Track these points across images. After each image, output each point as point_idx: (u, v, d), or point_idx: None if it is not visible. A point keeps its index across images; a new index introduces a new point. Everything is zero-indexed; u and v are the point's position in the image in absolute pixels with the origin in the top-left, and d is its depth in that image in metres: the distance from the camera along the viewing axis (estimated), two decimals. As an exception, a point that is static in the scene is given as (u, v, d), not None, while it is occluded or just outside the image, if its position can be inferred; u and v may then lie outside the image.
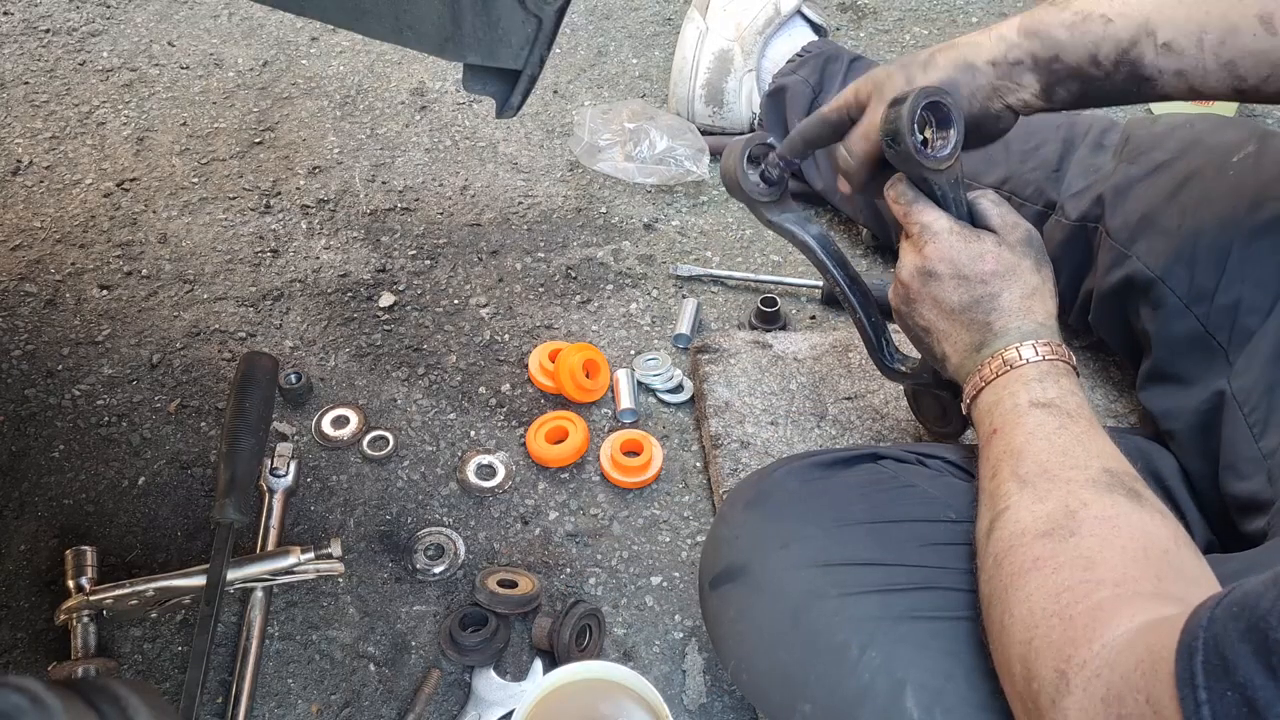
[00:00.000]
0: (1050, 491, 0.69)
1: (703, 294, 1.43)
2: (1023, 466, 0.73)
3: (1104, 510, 0.67)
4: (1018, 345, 0.81)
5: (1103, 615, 0.58)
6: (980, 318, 0.83)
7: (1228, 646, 0.47)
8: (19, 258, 1.46)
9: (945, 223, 0.85)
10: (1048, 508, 0.68)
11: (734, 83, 1.58)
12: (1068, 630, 0.59)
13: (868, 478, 0.85)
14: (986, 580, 0.70)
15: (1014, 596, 0.65)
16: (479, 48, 0.98)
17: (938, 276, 0.85)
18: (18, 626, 1.08)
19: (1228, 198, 0.97)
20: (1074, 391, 0.78)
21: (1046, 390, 0.77)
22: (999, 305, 0.83)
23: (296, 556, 1.06)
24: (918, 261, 0.86)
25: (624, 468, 1.19)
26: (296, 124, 1.69)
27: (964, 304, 0.84)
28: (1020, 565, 0.66)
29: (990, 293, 0.83)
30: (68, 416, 1.27)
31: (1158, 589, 0.60)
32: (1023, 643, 0.62)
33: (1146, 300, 1.04)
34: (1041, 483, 0.70)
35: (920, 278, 0.86)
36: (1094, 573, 0.62)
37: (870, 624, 0.76)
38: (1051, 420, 0.75)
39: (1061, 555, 0.64)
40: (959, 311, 0.84)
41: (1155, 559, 0.63)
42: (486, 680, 1.03)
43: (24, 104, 1.71)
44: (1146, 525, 0.66)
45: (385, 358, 1.34)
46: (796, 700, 0.78)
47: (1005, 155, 1.23)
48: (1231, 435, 0.89)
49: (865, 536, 0.80)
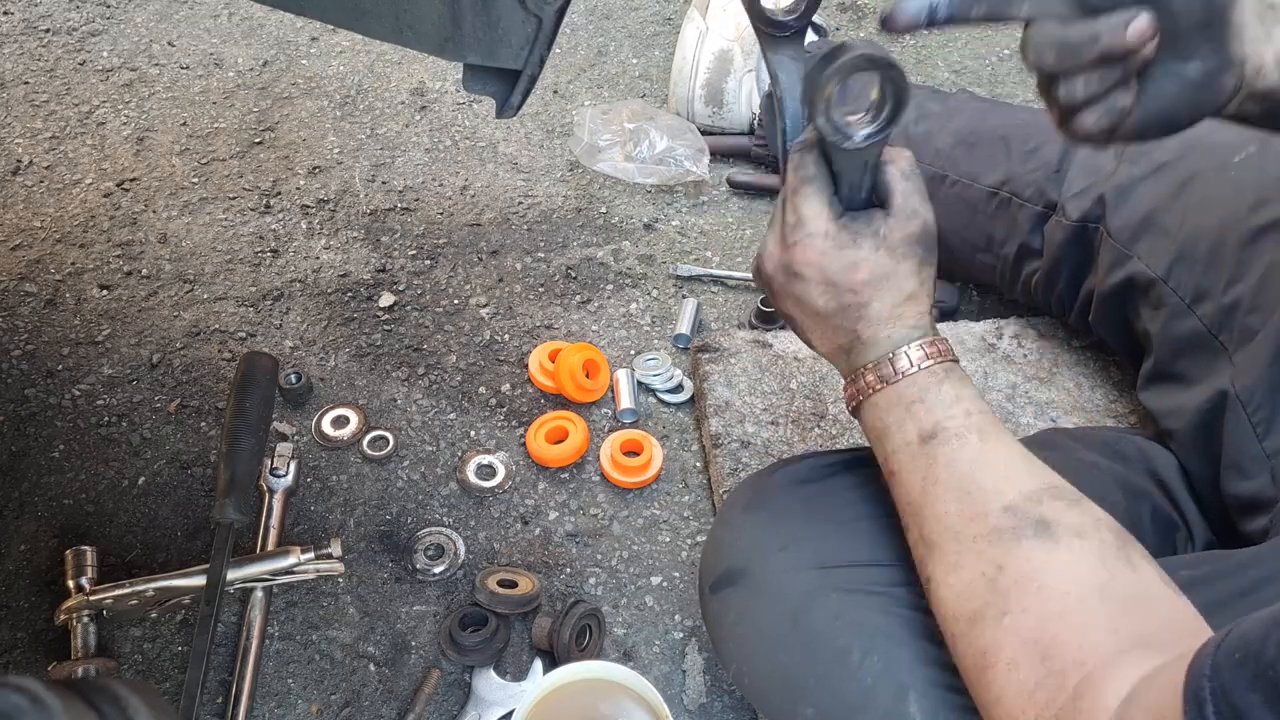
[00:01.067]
0: (961, 556, 0.67)
1: (703, 294, 1.43)
2: (926, 526, 0.71)
3: (1020, 569, 0.65)
4: (890, 356, 0.75)
5: (1086, 706, 0.58)
6: (847, 325, 0.77)
7: (1238, 696, 0.46)
8: (19, 258, 1.46)
9: (823, 225, 0.76)
10: (965, 579, 0.67)
11: (734, 83, 1.58)
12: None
13: (866, 479, 0.85)
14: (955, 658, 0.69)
15: (985, 695, 0.64)
16: (479, 48, 0.98)
17: (804, 279, 0.77)
18: (18, 626, 1.08)
19: (1229, 198, 0.97)
20: (956, 399, 0.73)
21: (931, 411, 0.73)
22: (867, 315, 0.76)
23: (296, 556, 1.06)
24: (784, 259, 0.78)
25: (624, 468, 1.19)
26: (296, 124, 1.69)
27: (830, 310, 0.77)
28: (974, 660, 0.65)
29: (859, 302, 0.76)
30: (68, 416, 1.27)
31: (1118, 642, 0.59)
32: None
33: (1148, 300, 1.04)
34: (950, 545, 0.68)
35: (784, 275, 0.79)
36: (1052, 661, 0.61)
37: (871, 627, 0.75)
38: (942, 454, 0.71)
39: (1007, 646, 0.63)
40: (825, 316, 0.78)
41: (1094, 606, 0.62)
42: (486, 680, 1.03)
43: (24, 104, 1.71)
44: (1069, 568, 0.64)
45: (385, 358, 1.34)
46: (798, 704, 0.78)
47: (1006, 155, 1.23)
48: (1234, 435, 0.89)
49: (864, 537, 0.80)
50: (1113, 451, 0.98)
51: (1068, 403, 1.22)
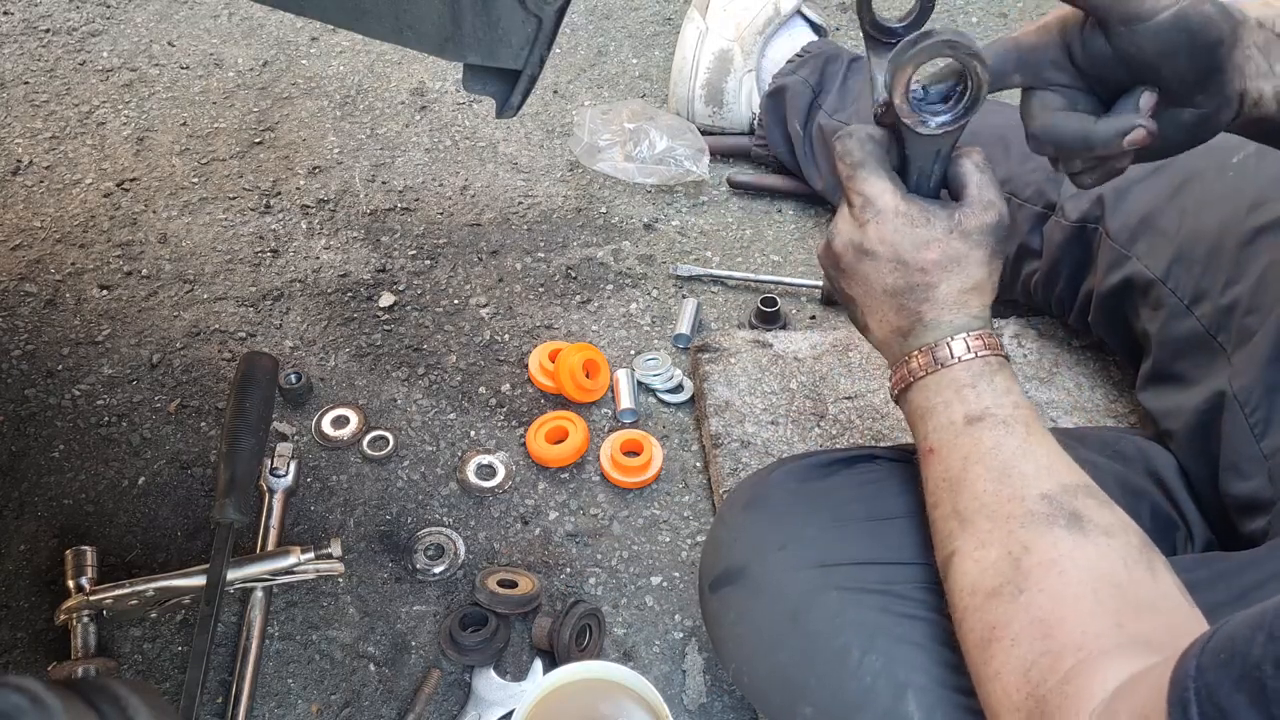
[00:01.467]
0: (991, 534, 0.68)
1: (703, 294, 1.43)
2: (961, 501, 0.71)
3: (1046, 553, 0.65)
4: (948, 340, 0.75)
5: (1072, 690, 0.58)
6: (912, 305, 0.77)
7: (1223, 697, 0.46)
8: (19, 258, 1.46)
9: (891, 200, 0.75)
10: (991, 556, 0.67)
11: (734, 83, 1.58)
12: (1043, 710, 0.59)
13: (865, 478, 0.85)
14: (959, 636, 0.69)
15: (984, 670, 0.65)
16: (479, 48, 0.98)
17: (875, 256, 0.77)
18: (18, 626, 1.08)
19: (1228, 199, 0.97)
20: (1008, 390, 0.74)
21: (981, 397, 0.73)
22: (934, 296, 0.76)
23: (296, 556, 1.06)
24: (856, 237, 0.78)
25: (624, 468, 1.19)
26: (296, 124, 1.69)
27: (897, 289, 0.77)
28: (981, 634, 0.66)
29: (928, 282, 0.76)
30: (68, 416, 1.27)
31: (1119, 637, 0.60)
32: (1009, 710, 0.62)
33: (1146, 301, 1.04)
34: (982, 522, 0.69)
35: (855, 253, 0.78)
36: (1052, 640, 0.61)
37: (870, 625, 0.76)
38: (987, 437, 0.72)
39: (1015, 622, 0.64)
40: (891, 295, 0.77)
41: (1107, 600, 0.62)
42: (486, 680, 1.03)
43: (24, 104, 1.71)
44: (1093, 561, 0.65)
45: (385, 358, 1.34)
46: (798, 703, 0.78)
47: (1005, 156, 1.23)
48: (1232, 435, 0.89)
49: (863, 536, 0.80)
50: (1112, 451, 0.98)
51: (1068, 403, 1.22)
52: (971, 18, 1.95)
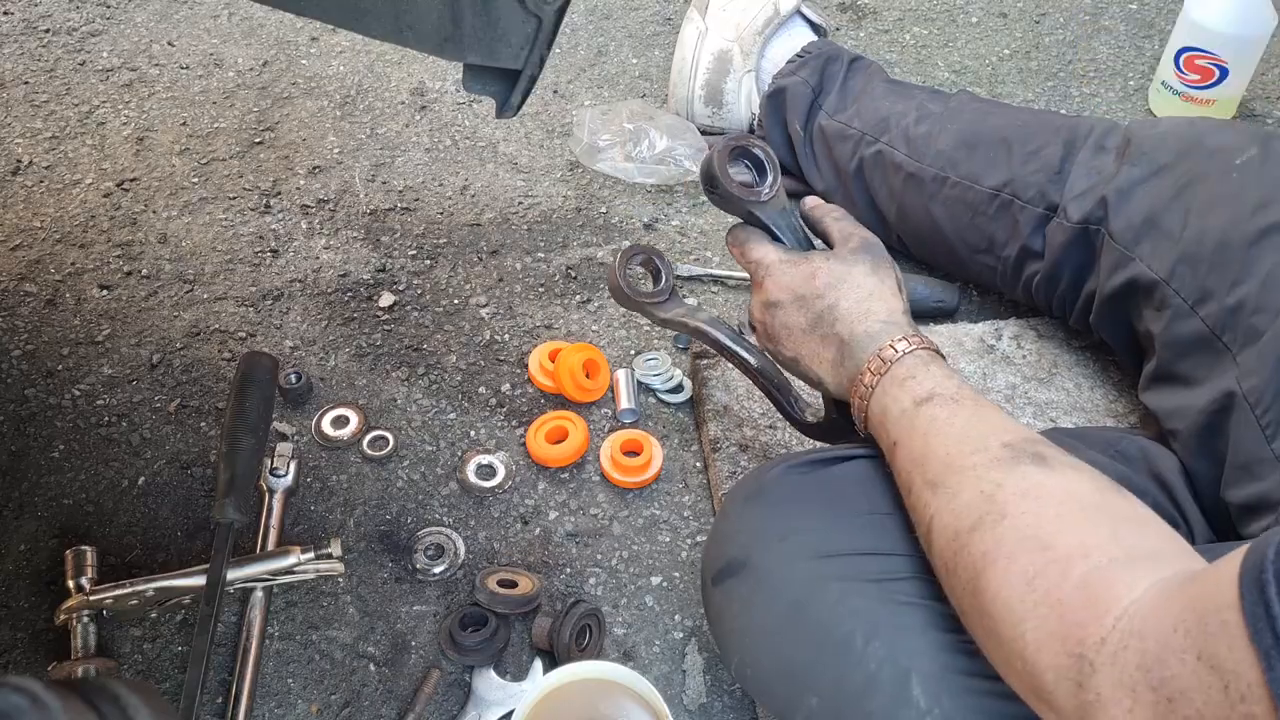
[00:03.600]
0: (961, 484, 0.70)
1: (703, 294, 1.43)
2: (929, 470, 0.73)
3: (1018, 484, 0.67)
4: (878, 350, 0.82)
5: (1098, 590, 0.57)
6: (828, 330, 0.86)
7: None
8: (19, 258, 1.46)
9: (774, 255, 0.90)
10: (965, 499, 0.68)
11: (733, 83, 1.58)
12: (1066, 614, 0.58)
13: (864, 473, 0.86)
14: (949, 591, 0.70)
15: (983, 599, 0.64)
16: (479, 48, 0.98)
17: (781, 305, 0.89)
18: (18, 626, 1.08)
19: (1232, 200, 0.97)
20: (948, 375, 0.79)
21: (923, 383, 0.78)
22: (839, 314, 0.86)
23: (296, 556, 1.06)
24: (761, 296, 0.91)
25: (624, 468, 1.19)
26: (296, 124, 1.69)
27: (811, 322, 0.87)
28: (971, 566, 0.65)
29: (829, 304, 0.86)
30: (68, 416, 1.27)
31: (1120, 548, 0.60)
32: (1013, 639, 0.61)
33: (1150, 302, 1.04)
34: (950, 478, 0.71)
35: (768, 310, 0.90)
36: (1053, 551, 0.61)
37: (873, 613, 0.76)
38: (941, 412, 0.76)
39: (1005, 542, 0.64)
40: (809, 330, 0.87)
41: (1095, 515, 0.63)
42: (486, 680, 1.03)
43: (24, 104, 1.71)
44: (1066, 485, 0.66)
45: (385, 358, 1.34)
46: (803, 693, 0.78)
47: (1007, 158, 1.23)
48: (1241, 436, 0.89)
49: (863, 527, 0.81)
50: (1114, 451, 0.98)
51: (1068, 403, 1.22)
52: (972, 18, 1.95)
